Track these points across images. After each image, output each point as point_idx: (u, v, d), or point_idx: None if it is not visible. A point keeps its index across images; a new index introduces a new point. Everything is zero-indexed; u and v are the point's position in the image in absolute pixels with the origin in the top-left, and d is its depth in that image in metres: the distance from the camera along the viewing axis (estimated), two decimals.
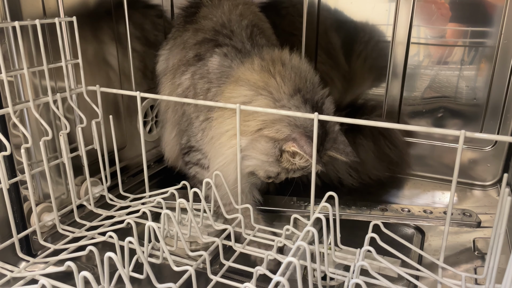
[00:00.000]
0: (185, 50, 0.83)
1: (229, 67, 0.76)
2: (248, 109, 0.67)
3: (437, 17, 0.97)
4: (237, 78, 0.73)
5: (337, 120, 0.62)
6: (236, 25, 0.82)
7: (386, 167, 1.00)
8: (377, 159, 0.98)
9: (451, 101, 1.00)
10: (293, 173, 0.73)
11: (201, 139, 0.79)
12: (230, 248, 0.67)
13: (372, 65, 1.07)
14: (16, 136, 0.69)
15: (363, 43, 1.07)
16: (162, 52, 0.91)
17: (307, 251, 0.50)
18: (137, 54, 0.96)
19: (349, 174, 0.97)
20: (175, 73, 0.84)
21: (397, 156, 1.00)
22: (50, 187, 0.69)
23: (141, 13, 0.98)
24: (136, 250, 0.54)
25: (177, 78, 0.83)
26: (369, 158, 0.98)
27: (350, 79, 1.11)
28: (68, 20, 0.71)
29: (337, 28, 1.08)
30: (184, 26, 0.88)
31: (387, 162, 0.99)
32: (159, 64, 0.91)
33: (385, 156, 0.99)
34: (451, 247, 0.74)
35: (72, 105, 0.74)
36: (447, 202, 0.92)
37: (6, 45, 0.66)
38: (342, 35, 1.08)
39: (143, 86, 0.97)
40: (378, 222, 0.60)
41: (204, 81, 0.78)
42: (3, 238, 0.68)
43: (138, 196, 0.82)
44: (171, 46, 0.89)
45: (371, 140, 0.98)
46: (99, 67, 0.87)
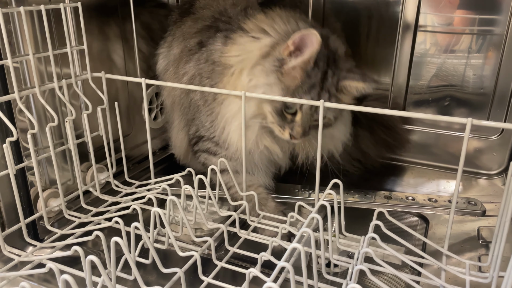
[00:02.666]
0: (186, 40, 0.83)
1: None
2: (253, 96, 0.67)
3: (445, 4, 0.96)
4: (235, 40, 0.74)
5: (344, 108, 0.62)
6: (233, 11, 0.82)
7: (385, 151, 1.00)
8: (376, 145, 0.98)
9: (458, 90, 0.99)
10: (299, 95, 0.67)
11: (211, 123, 0.78)
12: (235, 234, 0.68)
13: (376, 53, 1.06)
14: (22, 122, 0.70)
15: (367, 29, 1.06)
16: (161, 51, 0.90)
17: (311, 237, 0.50)
18: (142, 55, 0.95)
19: (351, 164, 0.97)
20: (178, 63, 0.84)
21: (394, 139, 0.99)
22: (56, 173, 0.70)
23: (150, 12, 0.97)
24: (142, 236, 0.54)
25: (181, 68, 0.83)
26: (369, 146, 0.98)
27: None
28: (73, 5, 0.71)
29: (340, 14, 1.07)
30: (181, 20, 0.88)
31: (385, 146, 0.99)
32: (159, 63, 0.90)
33: (382, 141, 0.98)
34: (455, 235, 0.75)
35: (77, 91, 0.74)
36: (452, 191, 0.92)
37: (12, 30, 0.66)
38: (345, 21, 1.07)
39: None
40: (382, 209, 0.60)
41: (208, 64, 0.77)
42: (10, 223, 0.69)
43: (143, 182, 0.82)
44: (170, 41, 0.89)
45: (367, 129, 0.98)
46: (103, 60, 0.87)
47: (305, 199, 0.79)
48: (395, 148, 1.01)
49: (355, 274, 0.50)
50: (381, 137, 0.98)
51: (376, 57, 1.07)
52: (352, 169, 0.97)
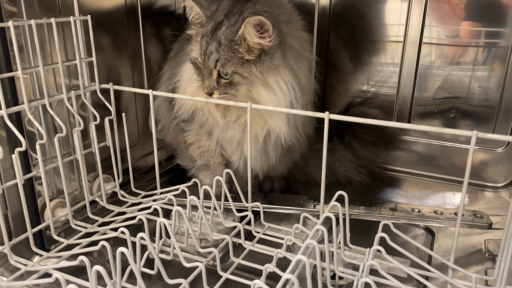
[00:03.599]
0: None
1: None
2: (259, 108, 0.67)
3: (450, 17, 0.96)
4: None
5: (348, 120, 0.62)
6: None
7: (381, 151, 1.01)
8: (370, 148, 0.99)
9: (463, 102, 0.99)
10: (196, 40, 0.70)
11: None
12: (239, 245, 0.68)
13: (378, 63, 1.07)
14: (31, 132, 0.71)
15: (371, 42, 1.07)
16: (164, 70, 0.90)
17: (316, 249, 0.50)
18: (152, 62, 0.97)
19: (357, 171, 0.97)
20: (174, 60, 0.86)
21: (384, 138, 1.00)
22: (63, 183, 0.70)
23: (159, 21, 0.99)
24: (148, 246, 0.55)
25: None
26: (369, 151, 0.99)
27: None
28: (82, 18, 0.72)
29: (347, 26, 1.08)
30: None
31: (379, 146, 1.00)
32: (161, 81, 0.89)
33: (374, 143, 1.00)
34: (461, 248, 0.74)
35: (86, 102, 0.75)
36: (458, 203, 0.91)
37: (23, 42, 0.67)
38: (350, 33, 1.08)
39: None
40: (388, 222, 0.60)
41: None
42: (17, 233, 0.70)
43: (149, 193, 0.83)
44: (170, 61, 0.89)
45: (357, 136, 0.99)
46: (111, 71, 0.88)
47: (310, 211, 0.79)
48: (388, 146, 1.02)
49: (360, 286, 0.50)
50: (372, 139, 0.99)
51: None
52: (358, 176, 0.98)
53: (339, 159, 0.98)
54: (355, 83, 1.12)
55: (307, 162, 0.97)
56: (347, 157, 0.98)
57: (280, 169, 0.93)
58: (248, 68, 0.66)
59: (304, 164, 0.97)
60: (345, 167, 0.98)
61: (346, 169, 0.98)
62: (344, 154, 0.99)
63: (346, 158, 0.98)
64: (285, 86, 0.68)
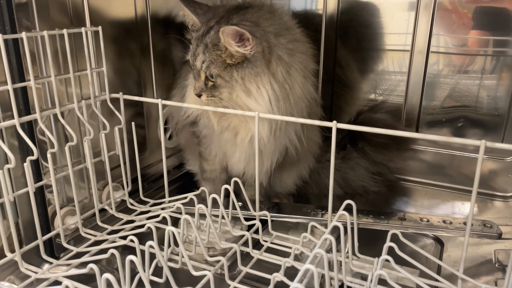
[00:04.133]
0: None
1: None
2: (267, 117, 0.68)
3: (458, 26, 0.96)
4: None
5: (356, 129, 0.62)
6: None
7: (395, 155, 1.00)
8: (384, 152, 0.99)
9: (472, 111, 0.99)
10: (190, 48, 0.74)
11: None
12: (247, 254, 0.68)
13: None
14: (41, 141, 0.72)
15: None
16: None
17: (325, 258, 0.50)
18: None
19: (372, 179, 0.97)
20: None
21: (396, 141, 1.00)
22: (74, 191, 0.71)
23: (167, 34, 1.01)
24: (156, 254, 0.55)
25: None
26: (383, 154, 0.99)
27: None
28: (94, 29, 0.73)
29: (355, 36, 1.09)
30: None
31: (391, 150, 1.00)
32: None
33: (387, 146, 0.99)
34: (471, 258, 0.73)
35: (96, 111, 0.76)
36: (467, 212, 0.91)
37: (35, 53, 0.69)
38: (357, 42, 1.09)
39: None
40: (396, 231, 0.60)
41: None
42: (28, 240, 0.70)
43: (158, 201, 0.83)
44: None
45: (370, 142, 0.99)
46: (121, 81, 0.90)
47: (318, 220, 0.79)
48: (400, 146, 1.01)
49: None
50: (383, 141, 0.99)
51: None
52: (374, 185, 0.97)
53: (354, 168, 0.98)
54: (362, 92, 1.12)
55: (319, 173, 0.97)
56: (362, 164, 0.98)
57: (287, 185, 0.93)
58: (230, 73, 0.69)
59: (317, 175, 0.97)
60: (360, 175, 0.97)
61: (361, 178, 0.97)
62: (359, 161, 0.99)
63: (361, 165, 0.98)
64: (266, 94, 0.69)
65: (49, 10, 0.70)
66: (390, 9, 1.02)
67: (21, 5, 0.66)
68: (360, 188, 0.97)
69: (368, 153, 0.99)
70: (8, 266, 0.67)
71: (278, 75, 0.70)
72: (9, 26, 0.63)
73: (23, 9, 0.66)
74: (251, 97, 0.70)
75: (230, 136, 0.78)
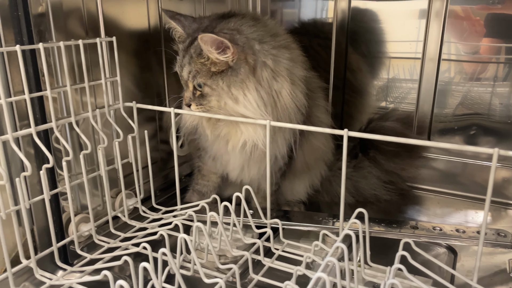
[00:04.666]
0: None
1: None
2: (278, 125, 0.68)
3: (470, 33, 0.96)
4: None
5: (367, 137, 0.62)
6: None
7: (406, 162, 1.00)
8: (399, 158, 0.99)
9: (484, 119, 0.98)
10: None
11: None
12: (259, 262, 0.68)
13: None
14: (56, 149, 0.73)
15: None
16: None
17: (336, 267, 0.50)
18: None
19: (384, 188, 0.96)
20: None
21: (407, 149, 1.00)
22: (88, 199, 0.72)
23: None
24: (169, 262, 0.55)
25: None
26: (394, 163, 0.98)
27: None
28: (108, 40, 0.75)
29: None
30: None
31: (405, 154, 0.99)
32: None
33: (398, 154, 0.99)
34: (485, 268, 0.73)
35: (110, 120, 0.77)
36: (480, 221, 0.90)
37: (51, 63, 0.70)
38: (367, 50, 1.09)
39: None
40: (409, 240, 0.59)
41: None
42: (42, 247, 0.72)
43: (170, 208, 0.84)
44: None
45: (381, 150, 0.99)
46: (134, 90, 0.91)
47: (329, 228, 0.79)
48: (411, 154, 1.01)
49: None
50: (394, 149, 0.99)
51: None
52: (386, 194, 0.96)
53: (366, 176, 0.97)
54: (373, 99, 1.12)
55: (331, 181, 0.97)
56: (374, 173, 0.98)
57: (298, 194, 0.93)
58: (216, 81, 0.70)
59: (328, 184, 0.97)
60: (372, 184, 0.97)
61: (373, 186, 0.97)
62: (371, 170, 0.98)
63: (373, 174, 0.98)
64: (253, 100, 0.70)
65: (65, 22, 0.72)
66: (401, 17, 1.03)
67: (38, 16, 0.67)
68: (372, 196, 0.96)
69: (380, 162, 0.98)
70: (23, 273, 0.68)
71: (263, 81, 0.70)
72: (26, 37, 0.65)
73: (40, 21, 0.68)
74: (239, 104, 0.70)
75: (222, 145, 0.79)
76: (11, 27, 0.64)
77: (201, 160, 0.91)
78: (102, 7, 0.78)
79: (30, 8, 0.65)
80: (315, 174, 0.93)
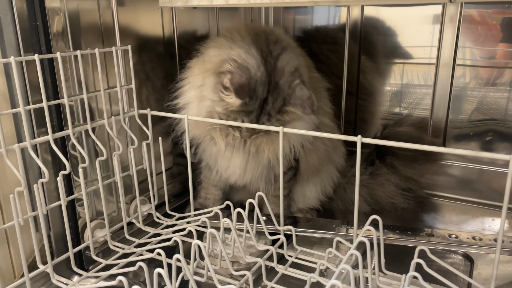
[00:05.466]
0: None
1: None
2: (290, 132, 0.69)
3: (486, 38, 0.95)
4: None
5: (381, 143, 0.62)
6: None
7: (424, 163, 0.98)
8: (417, 163, 0.97)
9: (501, 124, 0.97)
10: (234, 117, 0.73)
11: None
12: (272, 269, 0.68)
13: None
14: (72, 155, 0.74)
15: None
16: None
17: (351, 274, 0.50)
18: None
19: (402, 196, 0.95)
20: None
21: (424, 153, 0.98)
22: (103, 205, 0.73)
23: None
24: (183, 268, 0.56)
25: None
26: (412, 168, 0.97)
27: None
28: (123, 48, 0.76)
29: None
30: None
31: (423, 158, 0.98)
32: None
33: (416, 159, 0.98)
34: (502, 276, 0.71)
35: (125, 127, 0.79)
36: (497, 229, 0.88)
37: (68, 71, 0.72)
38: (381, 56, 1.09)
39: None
40: (424, 247, 0.59)
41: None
42: (58, 253, 0.73)
43: (183, 215, 0.84)
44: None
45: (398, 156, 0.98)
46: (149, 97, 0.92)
47: (343, 235, 0.78)
48: (429, 158, 0.99)
49: None
50: (411, 154, 0.97)
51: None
52: (404, 202, 0.95)
53: (383, 184, 0.95)
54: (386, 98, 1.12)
55: (345, 188, 0.96)
56: (392, 180, 0.96)
57: (310, 200, 0.93)
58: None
59: (343, 191, 0.96)
60: (389, 192, 0.95)
61: (391, 194, 0.95)
62: (389, 177, 0.96)
63: (391, 181, 0.96)
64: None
65: (82, 31, 0.74)
66: (414, 22, 1.02)
67: (56, 27, 0.69)
68: (389, 205, 0.94)
69: (398, 168, 0.97)
70: (40, 278, 0.69)
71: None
72: (44, 47, 0.66)
73: (58, 30, 0.69)
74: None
75: (243, 156, 0.80)
76: (29, 37, 0.66)
77: (203, 173, 0.92)
78: (117, 17, 0.79)
79: (48, 18, 0.67)
80: (326, 179, 0.93)
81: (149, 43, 0.89)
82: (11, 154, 0.59)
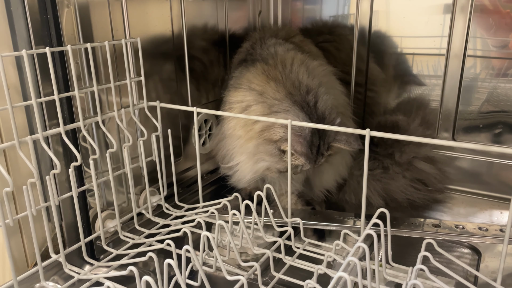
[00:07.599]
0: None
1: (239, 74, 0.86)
2: (298, 124, 0.69)
3: (499, 27, 0.94)
4: (240, 83, 0.82)
5: (389, 137, 0.62)
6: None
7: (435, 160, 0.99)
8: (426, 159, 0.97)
9: (511, 116, 0.96)
10: (299, 168, 0.79)
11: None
12: (279, 260, 0.69)
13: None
14: (82, 147, 0.75)
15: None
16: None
17: (358, 267, 0.50)
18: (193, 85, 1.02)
19: (413, 187, 0.95)
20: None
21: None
22: (114, 196, 0.74)
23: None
24: (192, 258, 0.57)
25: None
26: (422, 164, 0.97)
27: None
28: (133, 40, 0.76)
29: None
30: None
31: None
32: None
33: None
34: (509, 268, 0.71)
35: (134, 119, 0.79)
36: (505, 222, 0.88)
37: (79, 64, 0.72)
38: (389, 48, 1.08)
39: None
40: (431, 240, 0.59)
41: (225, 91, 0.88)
42: (70, 242, 0.74)
43: (192, 206, 0.85)
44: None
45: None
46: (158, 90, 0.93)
47: (351, 227, 0.79)
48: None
49: None
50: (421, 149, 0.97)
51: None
52: (419, 195, 0.94)
53: (394, 177, 0.94)
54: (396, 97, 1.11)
55: (359, 181, 0.95)
56: (405, 174, 0.95)
57: (327, 182, 0.93)
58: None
59: (356, 184, 0.95)
60: (401, 186, 0.94)
61: (403, 188, 0.94)
62: (402, 171, 0.96)
63: (401, 175, 0.95)
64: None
65: (91, 24, 0.74)
66: (424, 12, 1.01)
67: (66, 20, 0.70)
68: (404, 201, 0.93)
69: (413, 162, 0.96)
70: (52, 267, 0.70)
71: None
72: (55, 39, 0.67)
73: (68, 24, 0.70)
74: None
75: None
76: (40, 30, 0.66)
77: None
78: (127, 9, 0.79)
79: (59, 11, 0.67)
80: (340, 163, 0.92)
81: (159, 37, 0.90)
82: (24, 146, 0.60)
